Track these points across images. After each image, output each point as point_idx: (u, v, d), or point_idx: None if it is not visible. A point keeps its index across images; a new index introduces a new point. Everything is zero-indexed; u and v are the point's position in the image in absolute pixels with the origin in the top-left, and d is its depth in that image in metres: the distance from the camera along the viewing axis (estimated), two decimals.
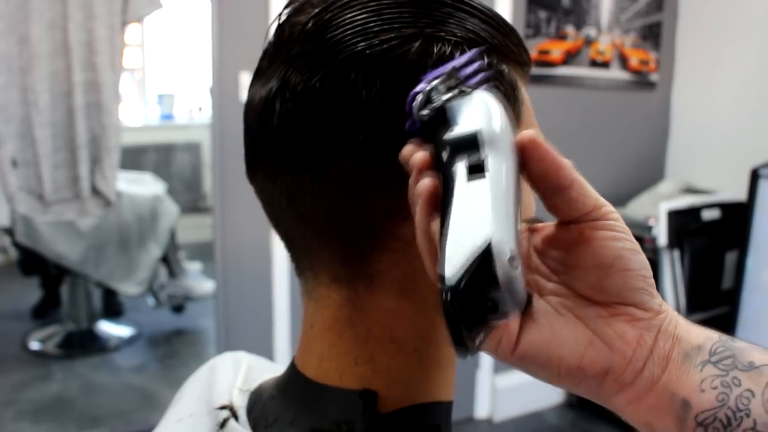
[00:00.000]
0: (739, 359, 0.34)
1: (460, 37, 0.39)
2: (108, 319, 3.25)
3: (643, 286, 0.35)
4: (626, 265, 0.34)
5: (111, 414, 2.49)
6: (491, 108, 0.34)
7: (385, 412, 0.41)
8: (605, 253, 0.34)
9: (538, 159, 0.34)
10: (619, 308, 0.35)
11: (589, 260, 0.34)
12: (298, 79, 0.39)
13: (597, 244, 0.34)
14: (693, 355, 0.34)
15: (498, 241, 0.30)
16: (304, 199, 0.40)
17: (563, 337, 0.35)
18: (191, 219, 3.86)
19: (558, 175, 0.34)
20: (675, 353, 0.34)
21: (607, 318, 0.35)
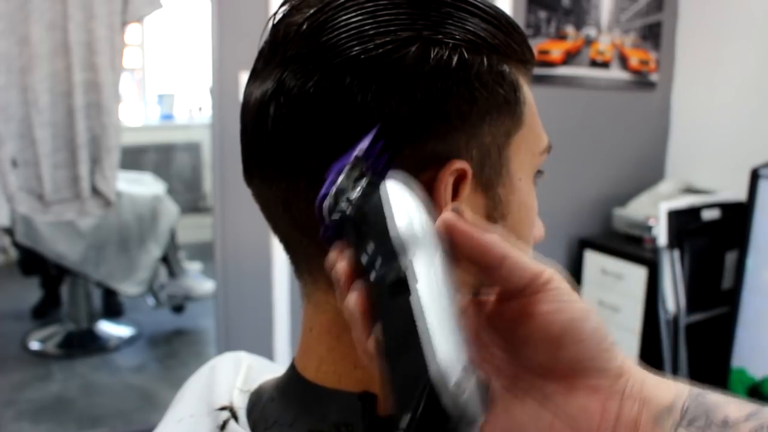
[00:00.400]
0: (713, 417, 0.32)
1: (458, 39, 0.38)
2: (108, 319, 3.25)
3: (597, 354, 0.32)
4: (576, 336, 0.32)
5: (111, 414, 2.49)
6: (400, 203, 0.32)
7: (385, 415, 0.41)
8: (552, 328, 0.32)
9: (460, 243, 0.32)
10: (577, 381, 0.33)
11: (536, 336, 0.32)
12: (293, 84, 0.38)
13: (541, 320, 0.32)
14: (663, 417, 0.32)
15: (437, 372, 0.27)
16: (299, 206, 0.40)
17: (522, 423, 0.33)
18: (191, 219, 3.86)
19: (484, 255, 0.32)
20: (644, 418, 0.32)
21: (565, 394, 0.33)
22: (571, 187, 2.50)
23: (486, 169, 0.41)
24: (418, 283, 0.30)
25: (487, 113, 0.40)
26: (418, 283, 0.30)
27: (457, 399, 0.27)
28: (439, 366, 0.27)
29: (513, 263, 0.32)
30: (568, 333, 0.32)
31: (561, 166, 2.40)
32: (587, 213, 2.58)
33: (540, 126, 0.45)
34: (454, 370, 0.27)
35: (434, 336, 0.28)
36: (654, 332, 2.21)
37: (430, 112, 0.38)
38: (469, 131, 0.39)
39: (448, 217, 0.32)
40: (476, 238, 0.32)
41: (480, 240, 0.32)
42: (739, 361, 2.12)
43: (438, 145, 0.38)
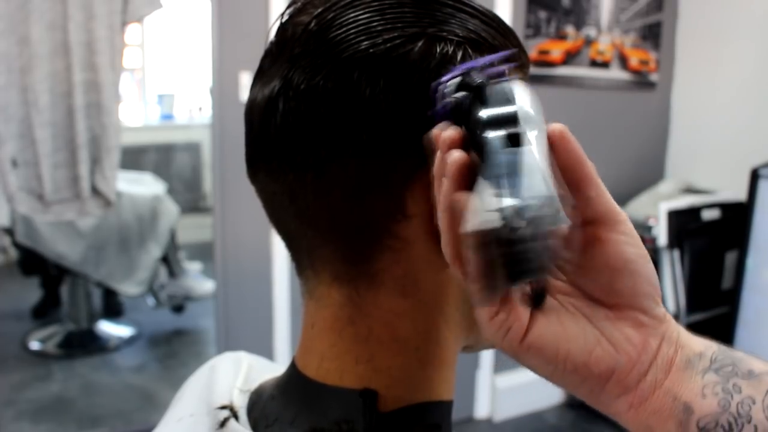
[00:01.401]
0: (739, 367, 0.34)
1: (462, 37, 0.39)
2: (108, 319, 3.25)
3: (650, 292, 0.35)
4: (637, 270, 0.35)
5: (111, 414, 2.49)
6: (526, 94, 0.35)
7: (386, 412, 0.41)
8: (618, 257, 0.35)
9: (563, 152, 0.34)
10: (626, 312, 0.35)
11: (601, 262, 0.35)
12: (301, 78, 0.39)
13: (610, 247, 0.35)
14: (695, 361, 0.35)
15: (547, 196, 0.30)
16: (305, 198, 0.40)
17: (572, 333, 0.35)
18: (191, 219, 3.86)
19: (581, 170, 0.35)
20: (678, 359, 0.35)
21: (613, 320, 0.35)
22: None
23: None
24: (534, 143, 0.33)
25: None
26: (534, 142, 0.33)
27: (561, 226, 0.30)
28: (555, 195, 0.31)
29: (600, 188, 0.35)
30: (631, 266, 0.35)
31: None
32: None
33: None
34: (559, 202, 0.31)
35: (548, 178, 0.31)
36: None
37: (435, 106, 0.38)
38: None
39: (562, 126, 0.35)
40: (580, 152, 0.35)
41: (582, 155, 0.35)
42: None
43: None
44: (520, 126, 0.33)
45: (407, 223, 0.39)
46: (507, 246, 0.30)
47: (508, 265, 0.30)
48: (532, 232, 0.30)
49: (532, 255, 0.30)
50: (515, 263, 0.30)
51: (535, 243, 0.30)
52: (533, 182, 0.31)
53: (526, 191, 0.30)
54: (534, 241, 0.30)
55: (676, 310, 2.16)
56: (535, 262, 0.30)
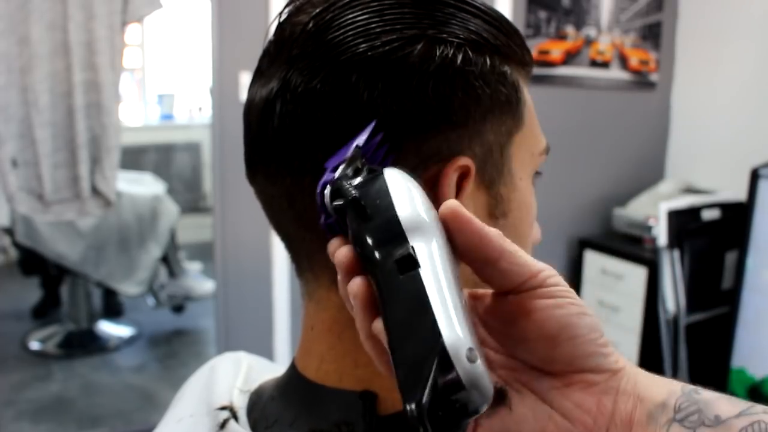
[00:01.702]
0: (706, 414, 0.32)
1: (462, 38, 0.39)
2: (108, 319, 3.25)
3: (593, 350, 0.33)
4: (572, 333, 0.32)
5: (111, 414, 2.49)
6: (404, 188, 0.32)
7: (385, 414, 0.41)
8: (548, 324, 0.32)
9: (461, 232, 0.32)
10: (573, 377, 0.33)
11: (533, 333, 0.33)
12: (299, 81, 0.38)
13: (538, 316, 0.32)
14: (657, 414, 0.33)
15: (451, 341, 0.27)
16: (304, 202, 0.40)
17: (520, 414, 0.33)
18: (191, 219, 3.86)
19: (483, 247, 0.32)
20: (638, 414, 0.33)
21: (561, 389, 0.33)
22: (571, 187, 2.50)
23: (488, 167, 0.41)
24: (427, 261, 0.30)
25: (490, 112, 0.40)
26: (426, 260, 0.30)
27: (471, 369, 0.27)
28: (451, 335, 0.27)
29: (511, 258, 0.33)
30: (565, 330, 0.32)
31: (561, 166, 2.40)
32: (587, 213, 2.58)
33: (538, 128, 0.45)
34: (466, 340, 0.28)
35: (445, 309, 0.28)
36: (654, 332, 2.21)
37: (435, 109, 0.38)
38: (472, 129, 0.40)
39: (452, 204, 0.33)
40: (478, 228, 0.32)
41: (481, 230, 0.32)
42: (739, 361, 2.12)
43: (442, 142, 0.39)
44: (410, 239, 0.30)
45: None
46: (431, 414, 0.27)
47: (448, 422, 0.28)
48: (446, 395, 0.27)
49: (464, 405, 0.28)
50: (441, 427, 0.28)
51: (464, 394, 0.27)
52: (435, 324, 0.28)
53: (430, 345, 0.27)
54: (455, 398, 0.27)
55: (676, 311, 2.16)
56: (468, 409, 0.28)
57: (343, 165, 0.35)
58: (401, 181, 0.33)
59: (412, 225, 0.31)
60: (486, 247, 0.32)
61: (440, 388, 0.27)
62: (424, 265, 0.30)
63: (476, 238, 0.32)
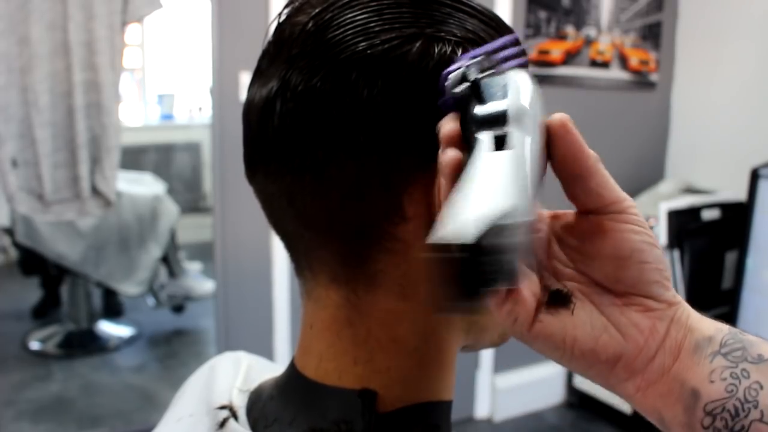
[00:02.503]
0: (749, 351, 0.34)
1: (460, 37, 0.39)
2: (108, 319, 3.25)
3: (658, 278, 0.35)
4: (643, 258, 0.35)
5: (111, 414, 2.49)
6: (522, 86, 0.35)
7: (385, 412, 0.41)
8: (623, 245, 0.35)
9: (563, 143, 0.35)
10: (633, 298, 0.36)
11: (606, 251, 0.35)
12: (299, 79, 0.39)
13: (615, 236, 0.35)
14: (704, 345, 0.35)
15: (512, 207, 0.30)
16: (304, 200, 0.40)
17: (578, 320, 0.35)
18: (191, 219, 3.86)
19: (581, 163, 0.35)
20: (686, 343, 0.35)
21: (621, 306, 0.36)
22: None
23: None
24: (518, 144, 0.33)
25: None
26: (518, 144, 0.33)
27: (518, 238, 0.29)
28: (515, 205, 0.30)
29: (603, 179, 0.35)
30: (637, 254, 0.35)
31: None
32: None
33: None
34: (525, 217, 0.30)
35: (516, 185, 0.31)
36: None
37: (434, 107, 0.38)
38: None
39: (564, 116, 0.35)
40: (580, 143, 0.35)
41: (582, 147, 0.35)
42: None
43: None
44: (508, 125, 0.33)
45: (405, 225, 0.39)
46: (466, 260, 0.29)
47: (467, 278, 0.29)
48: (493, 245, 0.29)
49: (493, 267, 0.29)
50: (475, 277, 0.29)
51: (497, 256, 0.29)
52: (505, 190, 0.30)
53: (493, 201, 0.30)
54: (495, 254, 0.29)
55: None
56: (497, 274, 0.30)
57: (474, 60, 0.37)
58: (521, 80, 0.36)
59: (516, 115, 0.34)
60: (583, 162, 0.35)
61: (491, 242, 0.29)
62: (513, 147, 0.32)
63: (577, 152, 0.35)
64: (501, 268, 0.30)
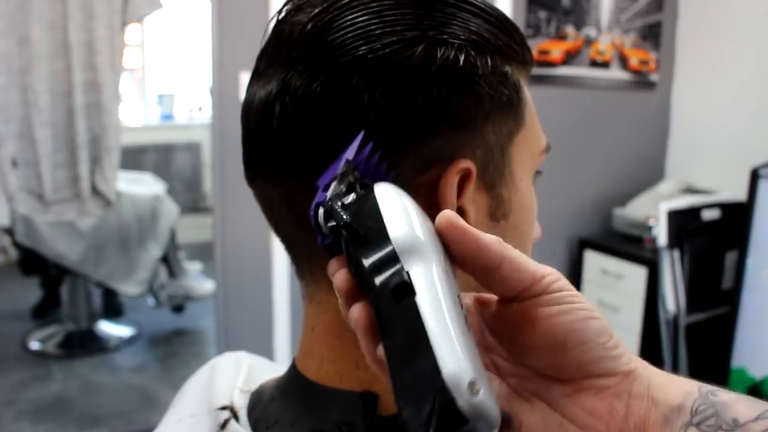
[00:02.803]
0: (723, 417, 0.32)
1: (463, 39, 0.39)
2: (108, 319, 3.25)
3: (601, 354, 0.32)
4: (580, 339, 0.32)
5: (111, 414, 2.49)
6: (397, 206, 0.32)
7: (386, 415, 0.41)
8: (555, 332, 0.32)
9: (458, 243, 0.32)
10: (583, 382, 0.32)
11: (539, 341, 0.32)
12: (299, 83, 0.38)
13: (544, 324, 0.32)
14: (673, 418, 0.32)
15: (450, 374, 0.26)
16: (304, 205, 0.39)
17: (531, 425, 0.33)
18: (191, 219, 3.86)
19: (482, 256, 0.32)
20: (653, 418, 0.32)
21: (572, 396, 0.32)
22: (571, 187, 2.50)
23: (489, 169, 0.41)
24: (423, 286, 0.29)
25: (491, 113, 0.40)
26: (422, 286, 0.29)
27: (473, 401, 0.26)
28: (451, 368, 0.26)
29: (512, 264, 0.32)
30: (572, 336, 0.31)
31: (561, 166, 2.40)
32: (587, 213, 2.58)
33: (539, 127, 0.45)
34: (467, 371, 0.27)
35: (443, 338, 0.27)
36: (654, 332, 2.21)
37: (437, 112, 0.38)
38: (474, 131, 0.39)
39: (448, 215, 0.32)
40: (475, 237, 0.32)
41: (479, 240, 0.32)
42: (739, 361, 2.12)
43: (443, 144, 0.39)
44: (405, 263, 0.29)
45: None
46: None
47: None
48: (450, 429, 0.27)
49: None
50: None
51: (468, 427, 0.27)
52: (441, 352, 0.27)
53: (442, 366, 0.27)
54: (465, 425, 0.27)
55: (676, 311, 2.16)
56: None
57: (335, 183, 0.34)
58: (393, 197, 0.32)
59: (405, 247, 0.30)
60: (485, 256, 0.32)
61: (444, 423, 0.26)
62: (419, 291, 0.29)
63: (474, 248, 0.32)
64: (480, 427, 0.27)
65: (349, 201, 0.33)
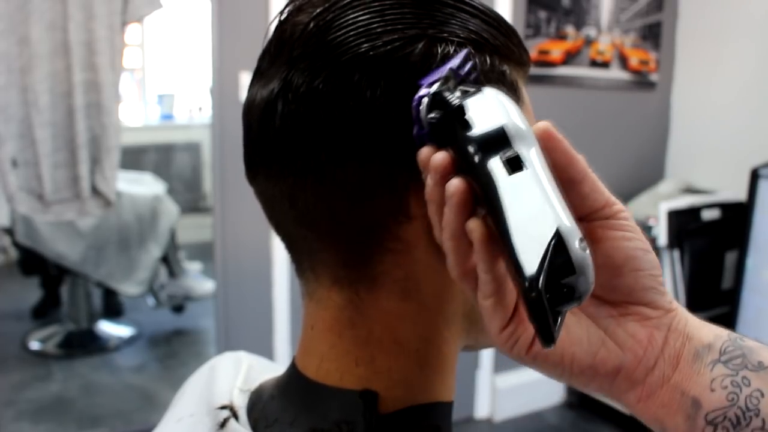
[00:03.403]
0: (749, 359, 0.34)
1: (462, 37, 0.39)
2: (108, 319, 3.25)
3: (653, 285, 0.35)
4: (637, 266, 0.35)
5: (111, 414, 2.49)
6: (506, 103, 0.34)
7: (386, 413, 0.41)
8: (616, 254, 0.35)
9: (554, 150, 0.34)
10: (629, 308, 0.35)
11: (599, 260, 0.34)
12: (301, 81, 0.38)
13: (607, 245, 0.35)
14: (703, 354, 0.35)
15: (565, 227, 0.30)
16: (306, 202, 0.40)
17: (575, 336, 0.35)
18: (191, 219, 3.86)
19: (570, 168, 0.34)
20: (686, 352, 0.35)
21: (617, 318, 0.36)
22: None
23: None
24: (535, 162, 0.32)
25: None
26: (534, 161, 0.32)
27: (582, 255, 0.30)
28: (567, 223, 0.30)
29: (593, 183, 0.35)
30: (630, 262, 0.34)
31: None
32: None
33: None
34: (578, 231, 0.31)
35: (558, 203, 0.31)
36: None
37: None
38: None
39: (545, 124, 0.34)
40: (567, 148, 0.34)
41: (570, 151, 0.34)
42: None
43: None
44: (514, 145, 0.33)
45: (409, 225, 0.39)
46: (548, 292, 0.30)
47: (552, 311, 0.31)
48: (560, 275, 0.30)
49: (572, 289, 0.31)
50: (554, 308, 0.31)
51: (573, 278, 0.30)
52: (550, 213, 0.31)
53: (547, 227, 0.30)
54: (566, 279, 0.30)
55: None
56: (575, 293, 0.31)
57: (439, 82, 0.36)
58: (501, 96, 0.35)
59: (516, 133, 0.33)
60: (573, 167, 0.34)
61: (555, 268, 0.30)
62: (532, 165, 0.32)
63: (566, 158, 0.34)
64: (573, 289, 0.30)
65: (458, 94, 0.35)
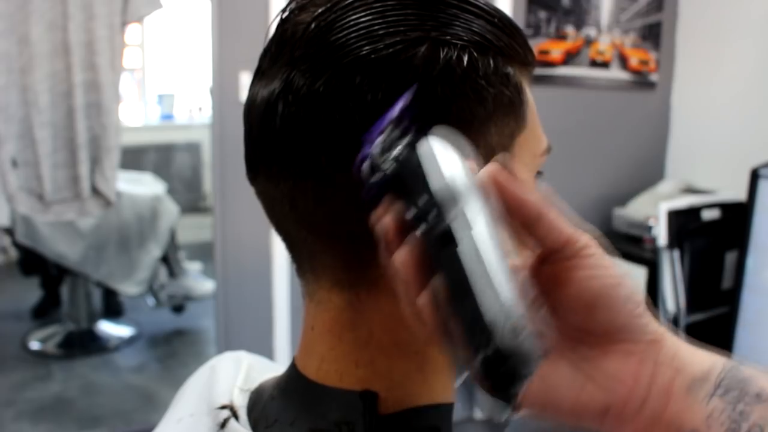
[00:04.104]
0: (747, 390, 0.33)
1: (466, 40, 0.39)
2: (108, 319, 3.25)
3: (628, 321, 0.33)
4: (608, 303, 0.33)
5: (111, 414, 2.49)
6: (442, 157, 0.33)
7: (386, 414, 0.41)
8: (584, 295, 0.33)
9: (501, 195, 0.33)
10: (610, 345, 0.33)
11: (569, 302, 0.33)
12: (302, 82, 0.38)
13: (574, 286, 0.33)
14: (697, 387, 0.33)
15: (490, 317, 0.29)
16: (306, 204, 0.40)
17: (556, 385, 0.33)
18: (191, 219, 3.86)
19: (522, 210, 0.33)
20: (677, 386, 0.33)
21: (599, 357, 0.33)
22: (571, 187, 2.50)
23: None
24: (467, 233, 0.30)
25: (494, 114, 0.40)
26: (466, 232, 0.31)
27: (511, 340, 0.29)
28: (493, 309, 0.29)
29: (549, 223, 0.33)
30: (601, 300, 0.32)
31: (561, 166, 2.40)
32: (587, 213, 2.58)
33: (540, 128, 0.45)
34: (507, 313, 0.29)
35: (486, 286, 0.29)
36: None
37: (439, 112, 0.38)
38: (476, 132, 0.39)
39: (492, 168, 0.33)
40: (515, 191, 0.33)
41: (518, 194, 0.33)
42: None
43: None
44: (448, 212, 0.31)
45: None
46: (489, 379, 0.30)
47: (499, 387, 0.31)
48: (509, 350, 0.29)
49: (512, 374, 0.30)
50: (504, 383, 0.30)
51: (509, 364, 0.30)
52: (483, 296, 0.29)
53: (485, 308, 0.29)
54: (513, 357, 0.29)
55: (676, 311, 2.16)
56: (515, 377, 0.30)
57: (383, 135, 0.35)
58: (439, 149, 0.33)
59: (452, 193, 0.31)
60: (524, 210, 0.33)
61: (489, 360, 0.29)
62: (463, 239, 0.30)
63: (515, 202, 0.33)
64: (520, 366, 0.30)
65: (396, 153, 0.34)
